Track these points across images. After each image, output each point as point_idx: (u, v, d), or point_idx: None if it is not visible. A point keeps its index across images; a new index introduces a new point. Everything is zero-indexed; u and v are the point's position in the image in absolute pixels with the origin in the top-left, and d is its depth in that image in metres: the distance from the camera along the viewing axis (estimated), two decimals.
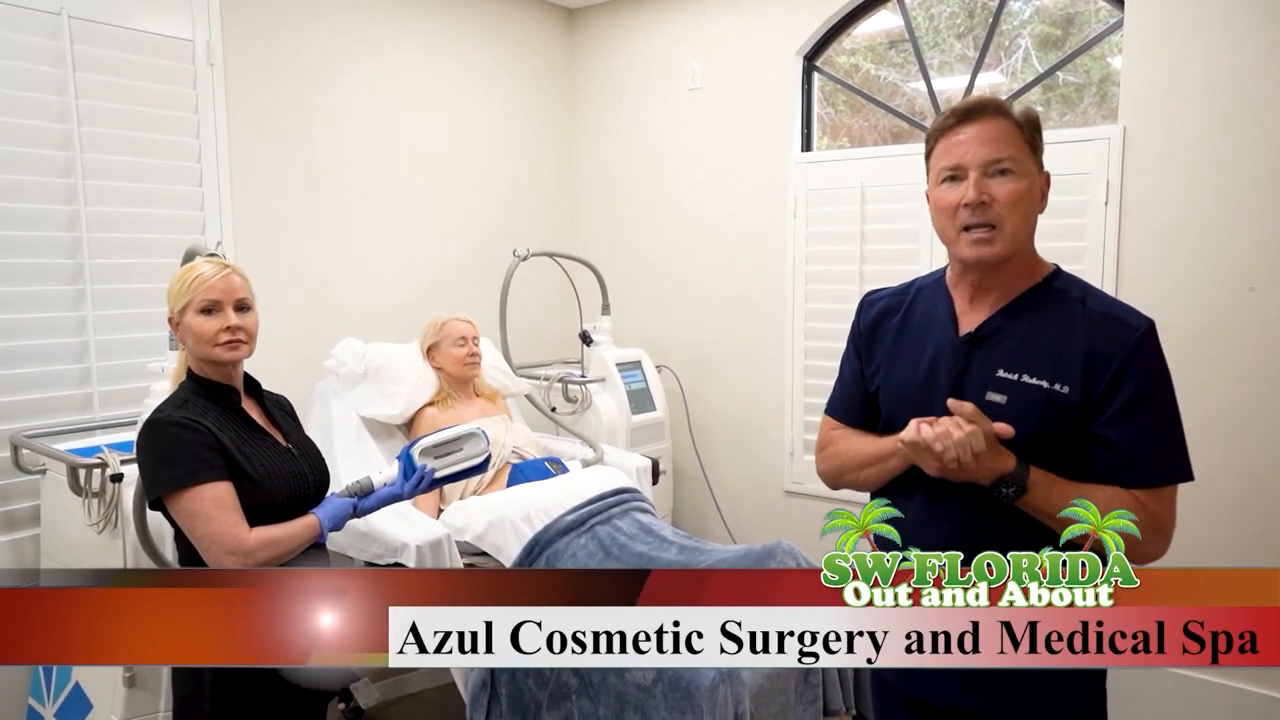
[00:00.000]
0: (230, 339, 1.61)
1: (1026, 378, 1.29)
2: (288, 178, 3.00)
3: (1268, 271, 2.54)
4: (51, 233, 2.48)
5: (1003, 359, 1.31)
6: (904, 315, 1.46)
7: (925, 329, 1.42)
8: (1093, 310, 1.30)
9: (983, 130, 1.29)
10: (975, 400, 1.29)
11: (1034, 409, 1.28)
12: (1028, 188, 1.30)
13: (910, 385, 1.40)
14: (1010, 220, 1.29)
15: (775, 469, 3.55)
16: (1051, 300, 1.33)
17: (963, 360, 1.35)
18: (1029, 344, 1.31)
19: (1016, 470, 1.25)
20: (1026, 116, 1.32)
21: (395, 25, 3.30)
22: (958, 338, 1.36)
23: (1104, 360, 1.26)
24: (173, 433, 1.55)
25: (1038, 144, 1.33)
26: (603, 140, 3.95)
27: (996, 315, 1.35)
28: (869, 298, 1.55)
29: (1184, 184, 2.65)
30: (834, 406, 1.57)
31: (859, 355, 1.53)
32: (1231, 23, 2.54)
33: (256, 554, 1.53)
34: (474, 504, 2.45)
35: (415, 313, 3.06)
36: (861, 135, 3.48)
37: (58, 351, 2.51)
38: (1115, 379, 1.25)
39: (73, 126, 2.48)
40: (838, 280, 3.32)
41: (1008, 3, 3.03)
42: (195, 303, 1.61)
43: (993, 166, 1.29)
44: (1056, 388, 1.27)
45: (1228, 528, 2.59)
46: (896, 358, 1.45)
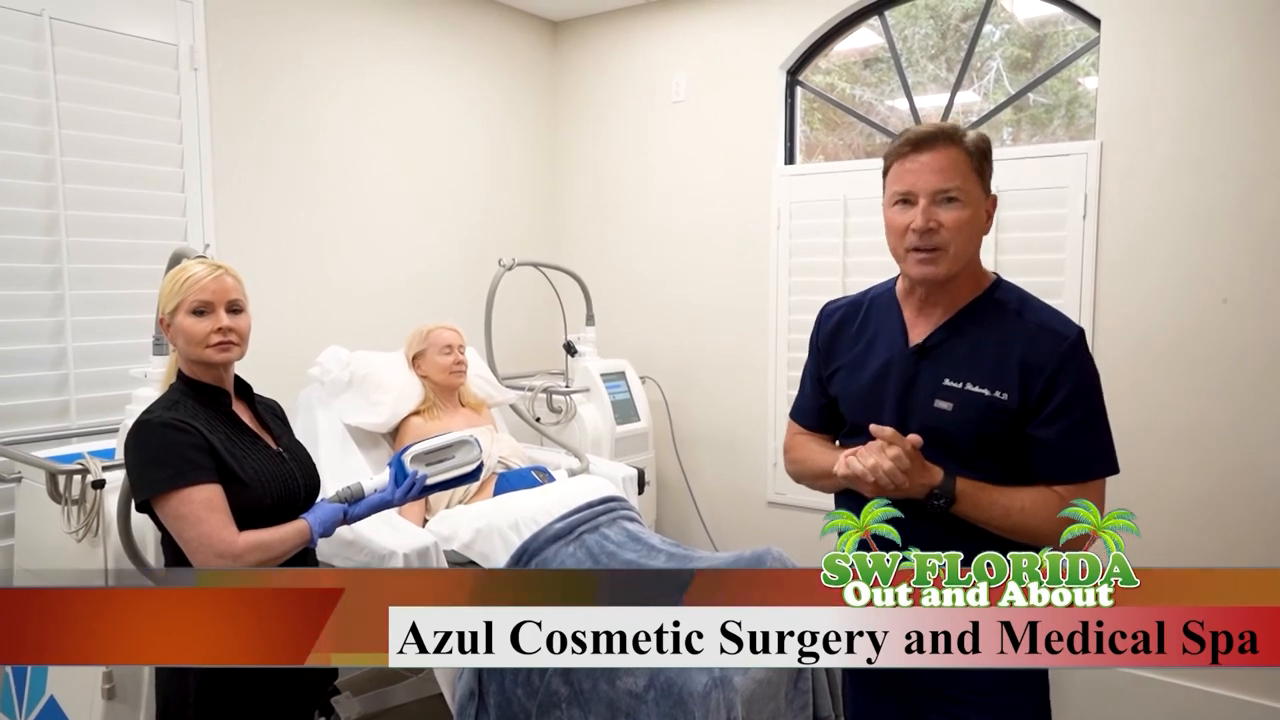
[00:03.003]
0: (221, 340, 1.60)
1: (970, 386, 1.39)
2: (271, 184, 2.98)
3: (1241, 283, 2.60)
4: (30, 236, 2.44)
5: (948, 368, 1.41)
6: (859, 324, 1.55)
7: (877, 338, 1.51)
8: (1028, 321, 1.41)
9: (934, 159, 1.37)
10: (924, 406, 1.41)
11: (977, 414, 1.38)
12: (972, 215, 1.38)
13: (863, 391, 1.50)
14: (955, 244, 1.38)
15: (759, 479, 3.56)
16: (991, 312, 1.43)
17: (912, 369, 1.44)
18: (971, 354, 1.41)
19: (944, 482, 1.35)
20: (976, 145, 1.40)
21: (380, 34, 3.30)
22: (907, 348, 1.46)
23: (1038, 368, 1.36)
24: (162, 433, 1.53)
25: (985, 170, 1.41)
26: (587, 151, 3.96)
27: (942, 327, 1.44)
28: (827, 307, 1.64)
29: (1159, 197, 2.70)
30: (796, 411, 1.67)
31: (818, 362, 1.61)
32: (1206, 39, 2.60)
33: (245, 557, 1.50)
34: (461, 512, 2.43)
35: (401, 321, 3.04)
36: (837, 153, 3.52)
37: (35, 357, 2.47)
38: (1048, 385, 1.36)
39: (53, 129, 2.44)
40: (820, 291, 3.31)
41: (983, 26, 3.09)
42: (187, 303, 1.59)
43: (941, 195, 1.37)
44: (997, 394, 1.37)
45: (1203, 534, 2.63)
46: (852, 365, 1.53)
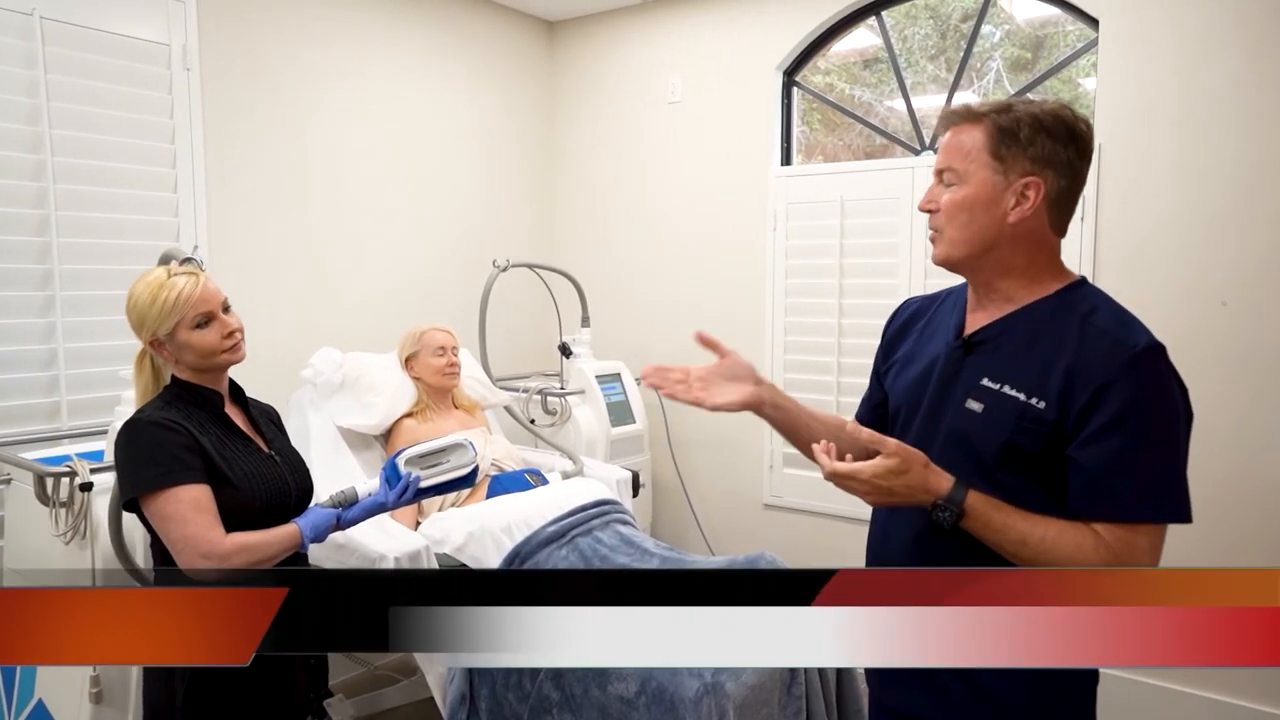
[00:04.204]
0: (233, 341, 1.63)
1: (1008, 388, 1.26)
2: (265, 185, 2.96)
3: (1240, 287, 2.58)
4: (21, 237, 2.42)
5: (991, 368, 1.29)
6: (929, 319, 1.47)
7: (936, 333, 1.43)
8: (1091, 326, 1.24)
9: (951, 138, 1.32)
10: (956, 405, 1.30)
11: (1006, 421, 1.25)
12: (967, 196, 1.28)
13: (909, 386, 1.41)
14: (949, 228, 1.30)
15: (755, 482, 3.54)
16: (1054, 313, 1.28)
17: (956, 365, 1.34)
18: (1019, 355, 1.28)
19: (953, 492, 1.21)
20: (1003, 124, 1.27)
21: (374, 34, 3.29)
22: (955, 341, 1.36)
23: (1086, 379, 1.20)
24: (152, 433, 1.52)
25: (1011, 150, 1.27)
26: (583, 152, 3.95)
27: (995, 323, 1.32)
28: (906, 302, 1.56)
29: (1158, 199, 2.69)
30: (859, 406, 1.60)
31: (879, 357, 1.54)
32: (1205, 41, 2.59)
33: (231, 559, 1.49)
34: (453, 515, 2.41)
35: (394, 323, 3.03)
36: (836, 154, 3.51)
37: (25, 358, 2.45)
38: (1094, 399, 1.19)
39: (44, 129, 2.43)
40: (817, 294, 3.33)
41: (982, 26, 3.08)
42: (188, 319, 1.59)
43: (944, 175, 1.32)
44: (1033, 402, 1.23)
45: (1204, 538, 2.61)
46: (905, 359, 1.46)
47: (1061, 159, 1.26)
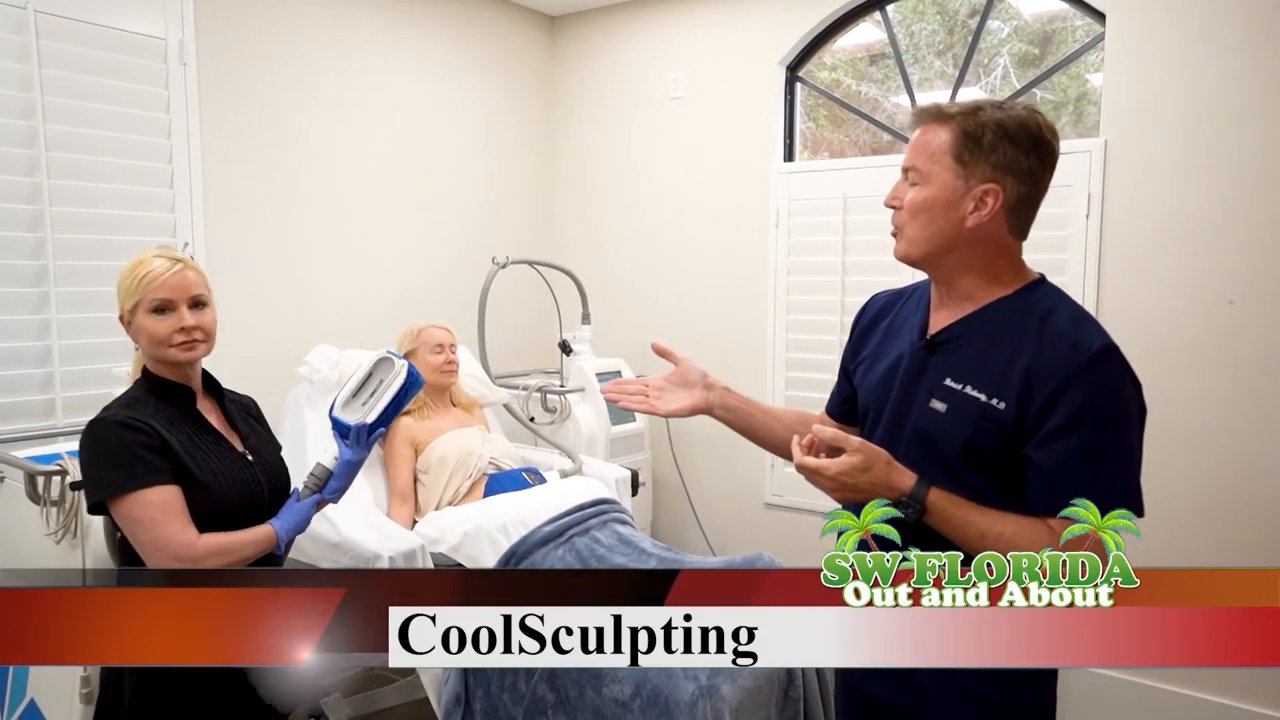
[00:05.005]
0: (186, 340, 1.53)
1: (969, 389, 1.28)
2: (262, 181, 2.94)
3: (1246, 284, 2.55)
4: (14, 233, 2.40)
5: (954, 368, 1.31)
6: (894, 316, 1.48)
7: (901, 330, 1.44)
8: (1048, 328, 1.26)
9: (920, 136, 1.33)
10: (921, 405, 1.32)
11: (968, 421, 1.27)
12: (928, 197, 1.30)
13: (875, 385, 1.43)
14: (909, 226, 1.33)
15: (755, 480, 3.51)
16: (1014, 313, 1.30)
17: (920, 364, 1.36)
18: (981, 356, 1.29)
19: (915, 489, 1.24)
20: (968, 128, 1.26)
21: (374, 28, 3.26)
22: (919, 341, 1.38)
23: (1043, 380, 1.22)
24: (116, 433, 1.47)
25: (974, 154, 1.26)
26: (584, 148, 3.92)
27: (958, 323, 1.34)
28: (873, 298, 1.57)
29: (1164, 197, 2.66)
30: (828, 402, 1.63)
31: (848, 353, 1.56)
32: (1212, 38, 2.56)
33: (204, 562, 1.45)
34: (450, 514, 2.39)
35: (391, 320, 3.00)
36: (842, 149, 3.48)
37: (20, 355, 2.43)
38: (1051, 400, 1.21)
39: (38, 124, 2.41)
40: (819, 290, 3.30)
41: (987, 21, 3.05)
42: (146, 302, 1.52)
43: (909, 173, 1.33)
44: (993, 402, 1.25)
45: (1207, 539, 2.59)
46: (872, 357, 1.47)
47: (1023, 166, 1.26)
